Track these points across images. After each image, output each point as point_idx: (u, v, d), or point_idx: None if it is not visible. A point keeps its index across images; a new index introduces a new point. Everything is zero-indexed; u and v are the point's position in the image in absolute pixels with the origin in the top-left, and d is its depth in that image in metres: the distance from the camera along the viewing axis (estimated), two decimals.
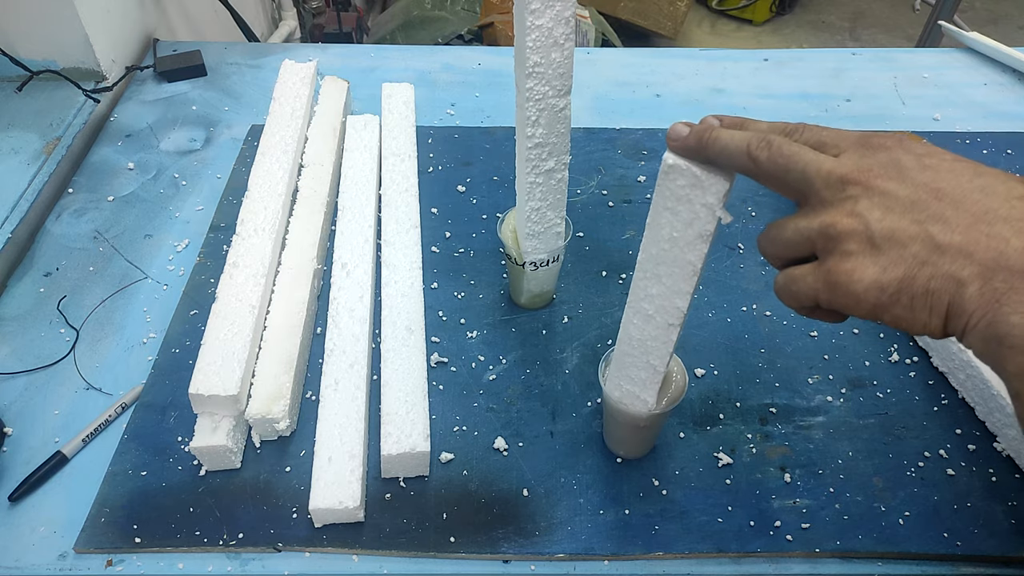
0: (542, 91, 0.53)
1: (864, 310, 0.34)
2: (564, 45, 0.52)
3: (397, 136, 0.83)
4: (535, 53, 0.51)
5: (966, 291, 0.32)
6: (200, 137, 0.89)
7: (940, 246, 0.32)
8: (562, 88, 0.54)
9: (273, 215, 0.71)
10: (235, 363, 0.58)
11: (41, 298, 0.70)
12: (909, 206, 0.33)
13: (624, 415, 0.53)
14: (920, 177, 0.34)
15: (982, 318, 0.31)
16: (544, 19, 0.50)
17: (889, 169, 0.34)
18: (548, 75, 0.53)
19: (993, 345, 0.31)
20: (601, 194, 0.82)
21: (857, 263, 0.34)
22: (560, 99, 0.55)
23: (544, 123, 0.55)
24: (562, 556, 0.54)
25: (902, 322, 0.34)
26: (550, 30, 0.50)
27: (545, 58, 0.52)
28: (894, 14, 2.89)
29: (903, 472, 0.58)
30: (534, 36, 0.50)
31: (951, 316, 0.33)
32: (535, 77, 0.52)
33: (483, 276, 0.73)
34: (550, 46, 0.51)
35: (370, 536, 0.54)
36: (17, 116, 0.86)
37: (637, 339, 0.48)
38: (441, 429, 0.61)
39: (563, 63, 0.53)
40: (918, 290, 0.33)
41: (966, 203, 0.33)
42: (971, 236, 0.32)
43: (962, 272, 0.32)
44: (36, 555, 0.53)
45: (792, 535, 0.55)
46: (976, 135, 0.90)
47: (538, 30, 0.50)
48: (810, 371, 0.65)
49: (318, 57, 0.97)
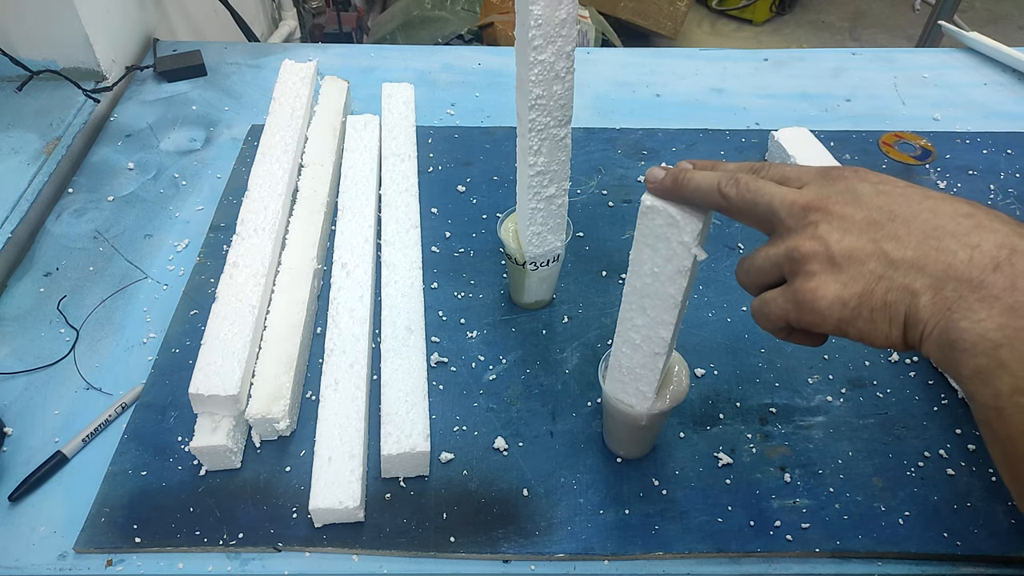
0: (544, 122, 0.55)
1: (830, 325, 0.37)
2: (565, 78, 0.53)
3: (397, 136, 0.83)
4: (537, 87, 0.53)
5: (919, 301, 0.34)
6: (200, 137, 0.89)
7: (894, 261, 0.35)
8: (563, 118, 0.55)
9: (273, 215, 0.71)
10: (235, 363, 0.58)
11: (41, 298, 0.70)
12: (865, 227, 0.36)
13: (623, 415, 0.53)
14: (875, 201, 0.36)
15: (935, 326, 0.34)
16: (546, 54, 0.51)
17: (846, 196, 0.37)
18: (550, 107, 0.54)
19: (947, 350, 0.33)
20: (601, 194, 0.82)
21: (820, 281, 0.36)
22: (561, 128, 0.56)
23: (546, 152, 0.57)
24: (562, 556, 0.54)
25: (865, 336, 0.36)
26: (552, 64, 0.52)
27: (547, 91, 0.53)
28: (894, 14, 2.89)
29: (903, 472, 0.58)
30: (536, 71, 0.52)
31: (908, 326, 0.35)
32: (538, 109, 0.54)
33: (483, 276, 0.73)
34: (552, 79, 0.53)
35: (370, 536, 0.54)
36: (17, 116, 0.86)
37: (627, 367, 0.50)
38: (441, 429, 0.61)
39: (564, 95, 0.54)
40: (877, 303, 0.35)
41: (917, 222, 0.35)
42: (922, 251, 0.34)
43: (915, 284, 0.34)
44: (36, 555, 0.53)
45: (792, 535, 0.55)
46: (976, 135, 0.90)
47: (540, 65, 0.52)
48: (810, 371, 0.65)
49: (318, 57, 0.97)
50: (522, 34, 0.51)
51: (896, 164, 0.86)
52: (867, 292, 0.35)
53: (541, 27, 0.50)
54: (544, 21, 0.50)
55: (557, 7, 0.49)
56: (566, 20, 0.50)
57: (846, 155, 0.87)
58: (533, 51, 0.50)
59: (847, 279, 0.36)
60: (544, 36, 0.50)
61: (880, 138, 0.89)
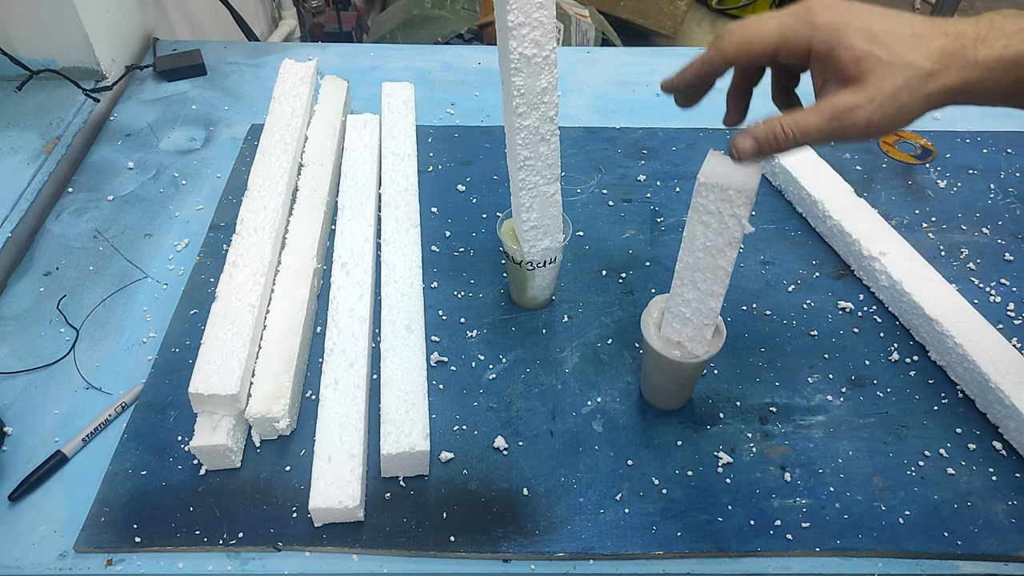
0: (533, 180, 0.58)
1: None
2: (551, 140, 0.56)
3: (397, 135, 0.83)
4: (524, 149, 0.55)
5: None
6: (200, 136, 0.89)
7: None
8: (551, 176, 0.58)
9: (273, 214, 0.71)
10: (235, 362, 0.58)
11: (41, 297, 0.70)
12: None
13: (671, 366, 0.56)
14: None
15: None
16: (530, 120, 0.54)
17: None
18: (538, 166, 0.57)
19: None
20: (601, 193, 0.82)
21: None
22: (550, 186, 0.59)
23: (537, 208, 0.60)
24: (562, 555, 0.54)
25: None
26: (536, 128, 0.55)
27: (534, 152, 0.56)
28: None
29: (903, 471, 0.58)
30: (523, 135, 0.55)
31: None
32: (527, 169, 0.56)
33: (483, 275, 0.73)
34: (538, 142, 0.56)
35: (370, 535, 0.54)
36: (17, 115, 0.86)
37: (677, 328, 0.55)
38: (441, 428, 0.61)
39: (551, 155, 0.57)
40: None
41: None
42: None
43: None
44: (36, 554, 0.53)
45: (792, 534, 0.55)
46: (976, 134, 0.90)
47: (526, 130, 0.54)
48: (810, 370, 0.65)
49: (318, 56, 0.97)
50: (507, 101, 0.54)
51: (896, 163, 0.86)
52: None
53: (524, 96, 0.53)
54: (526, 91, 0.53)
55: (537, 78, 0.52)
56: (547, 89, 0.53)
57: (846, 154, 0.87)
58: (518, 117, 0.53)
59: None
60: (527, 104, 0.53)
61: (880, 137, 0.89)
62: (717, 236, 0.47)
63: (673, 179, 0.84)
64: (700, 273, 0.50)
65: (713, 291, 0.51)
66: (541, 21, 0.50)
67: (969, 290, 0.71)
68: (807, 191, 0.77)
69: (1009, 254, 0.75)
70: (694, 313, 0.53)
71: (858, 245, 0.71)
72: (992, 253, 0.76)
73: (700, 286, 0.51)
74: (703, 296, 0.51)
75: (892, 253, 0.70)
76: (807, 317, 0.70)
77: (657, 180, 0.83)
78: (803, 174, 0.79)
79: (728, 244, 0.47)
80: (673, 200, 0.81)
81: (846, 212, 0.74)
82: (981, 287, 0.72)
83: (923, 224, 0.79)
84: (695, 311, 0.53)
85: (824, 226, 0.76)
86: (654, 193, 0.82)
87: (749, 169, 0.45)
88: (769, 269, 0.74)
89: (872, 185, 0.83)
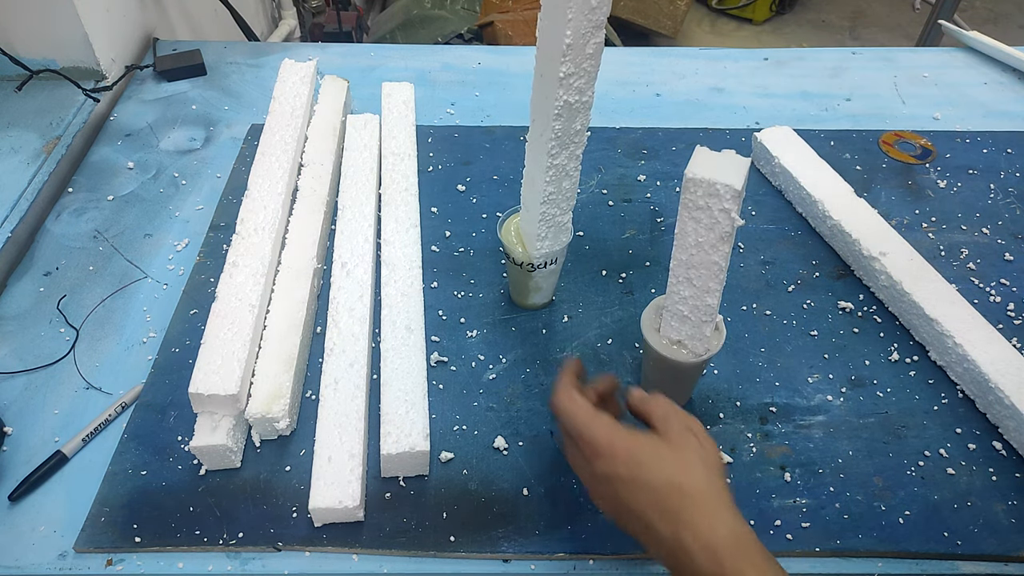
0: (552, 212, 0.59)
1: None
2: (573, 175, 0.57)
3: (397, 135, 0.83)
4: (550, 185, 0.56)
5: None
6: (200, 136, 0.89)
7: None
8: (567, 207, 0.60)
9: (273, 214, 0.71)
10: (235, 362, 0.58)
11: (41, 297, 0.70)
12: None
13: (672, 364, 0.56)
14: None
15: None
16: (560, 159, 0.55)
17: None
18: (558, 199, 0.58)
19: None
20: (601, 193, 0.82)
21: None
22: (565, 215, 0.60)
23: (551, 236, 0.61)
24: (562, 555, 0.54)
25: None
26: (564, 166, 0.56)
27: (557, 188, 0.57)
28: (894, 13, 2.89)
29: (903, 471, 0.58)
30: (551, 173, 0.55)
31: None
32: (548, 203, 0.58)
33: (483, 276, 0.73)
34: (562, 178, 0.57)
35: (370, 535, 0.54)
36: (17, 115, 0.86)
37: (676, 327, 0.55)
38: (441, 428, 0.60)
39: (571, 189, 0.58)
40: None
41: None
42: None
43: None
44: (36, 554, 0.53)
45: (792, 534, 0.55)
46: (976, 134, 0.90)
47: (554, 168, 0.55)
48: (810, 370, 0.65)
49: (318, 56, 0.97)
50: (539, 142, 0.54)
51: (896, 163, 0.86)
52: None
53: (559, 138, 0.53)
54: (562, 133, 0.53)
55: (574, 121, 0.53)
56: (579, 130, 0.54)
57: (846, 154, 0.87)
58: (549, 158, 0.54)
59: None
60: (560, 144, 0.54)
61: (880, 137, 0.89)
62: (708, 231, 0.47)
63: (673, 179, 0.84)
64: (694, 270, 0.50)
65: (709, 287, 0.51)
66: (587, 70, 0.50)
67: (969, 290, 0.71)
68: (807, 191, 0.77)
69: (1009, 254, 0.76)
70: (692, 311, 0.53)
71: (858, 245, 0.71)
72: (992, 253, 0.76)
73: (695, 283, 0.51)
74: (699, 293, 0.51)
75: (892, 253, 0.70)
76: (807, 317, 0.70)
77: (657, 180, 0.83)
78: (803, 174, 0.79)
79: (720, 239, 0.47)
80: (673, 200, 0.81)
81: (846, 212, 0.74)
82: (981, 287, 0.72)
83: (923, 224, 0.79)
84: (692, 308, 0.53)
85: (824, 226, 0.76)
86: (654, 193, 0.82)
87: (736, 163, 0.46)
88: (769, 269, 0.74)
89: (872, 185, 0.83)
